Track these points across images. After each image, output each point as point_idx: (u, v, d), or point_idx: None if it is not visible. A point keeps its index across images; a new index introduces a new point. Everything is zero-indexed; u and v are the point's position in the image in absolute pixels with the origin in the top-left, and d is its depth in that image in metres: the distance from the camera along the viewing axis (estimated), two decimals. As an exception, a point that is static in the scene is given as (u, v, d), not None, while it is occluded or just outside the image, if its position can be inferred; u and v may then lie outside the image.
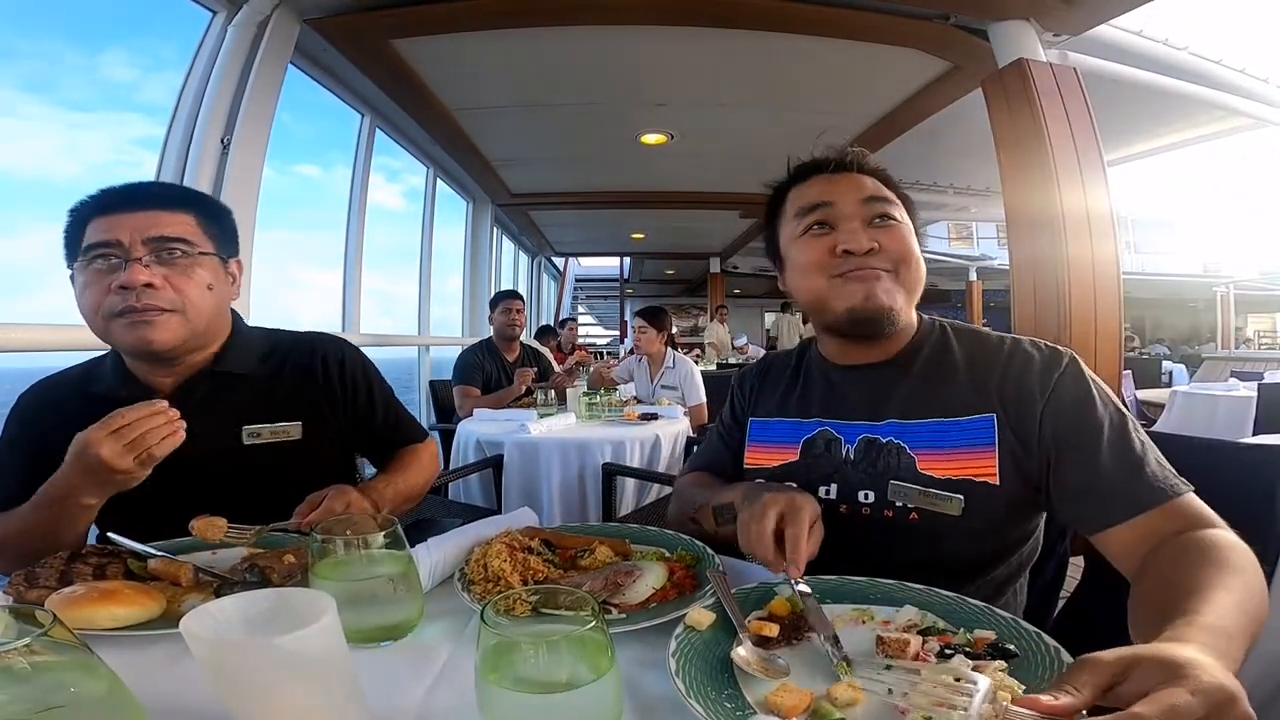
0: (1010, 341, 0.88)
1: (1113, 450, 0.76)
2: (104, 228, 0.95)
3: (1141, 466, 0.74)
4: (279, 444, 1.08)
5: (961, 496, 0.81)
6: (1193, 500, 0.72)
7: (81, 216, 0.97)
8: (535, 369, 3.34)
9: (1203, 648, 0.43)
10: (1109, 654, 0.40)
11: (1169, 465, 0.75)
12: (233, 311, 1.13)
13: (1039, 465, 0.80)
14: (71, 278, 0.99)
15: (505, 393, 3.19)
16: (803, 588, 0.69)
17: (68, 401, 1.03)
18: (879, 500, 0.86)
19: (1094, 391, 0.81)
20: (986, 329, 0.94)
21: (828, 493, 0.90)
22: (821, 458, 0.93)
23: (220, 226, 1.06)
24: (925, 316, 0.95)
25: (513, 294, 3.57)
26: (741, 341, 9.00)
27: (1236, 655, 0.46)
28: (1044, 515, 0.90)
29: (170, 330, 0.96)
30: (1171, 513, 0.71)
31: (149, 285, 0.93)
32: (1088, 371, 0.84)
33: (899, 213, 0.89)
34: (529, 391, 3.18)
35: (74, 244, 0.97)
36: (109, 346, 1.04)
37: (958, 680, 0.48)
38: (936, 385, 0.87)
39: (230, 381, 1.07)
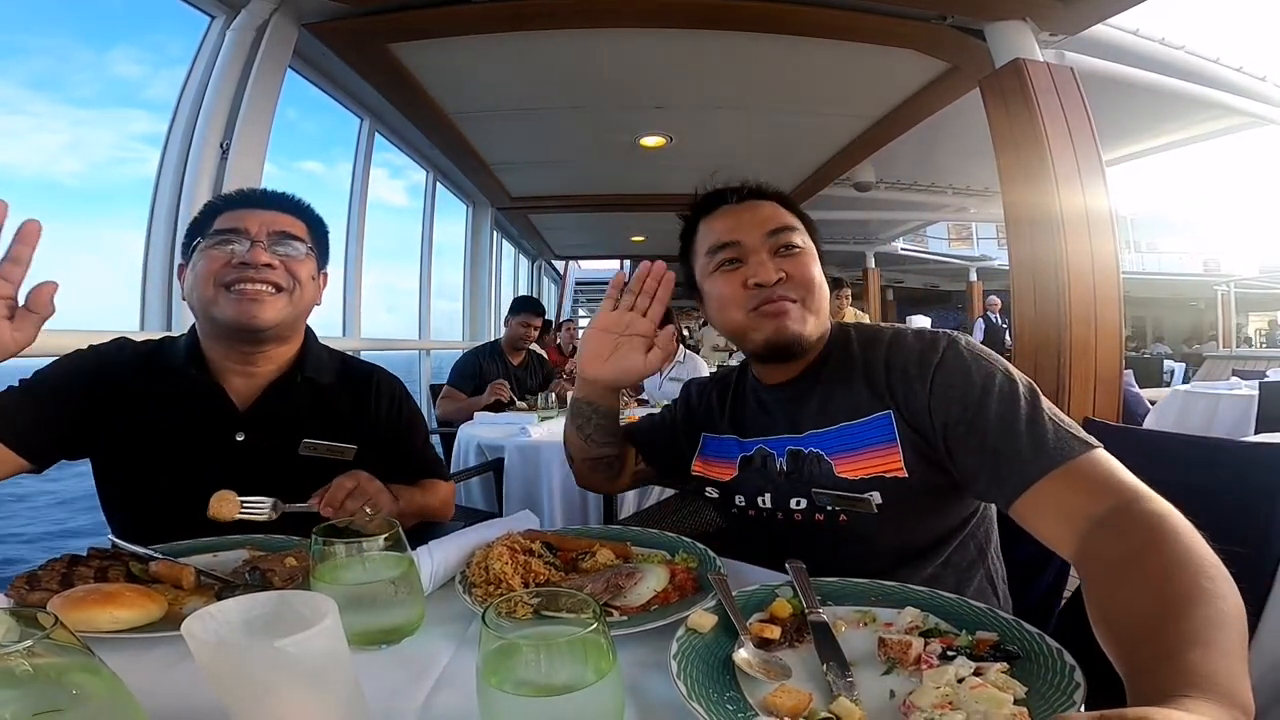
0: (894, 335, 0.91)
1: (1000, 423, 0.75)
2: (234, 219, 1.05)
3: (1030, 433, 0.73)
4: (331, 461, 1.10)
5: (876, 493, 0.84)
6: (1097, 460, 0.68)
7: (214, 208, 1.08)
8: (507, 384, 3.23)
9: (1209, 702, 0.37)
10: (1080, 717, 0.36)
11: (1074, 428, 0.73)
12: (305, 325, 1.18)
13: (942, 452, 0.81)
14: (180, 268, 1.10)
15: (474, 401, 3.16)
16: (818, 619, 0.66)
17: (129, 368, 1.08)
18: (809, 506, 0.90)
19: (974, 370, 0.80)
20: (883, 325, 0.97)
21: (764, 501, 0.95)
22: (757, 472, 0.98)
23: (320, 240, 1.15)
24: (836, 325, 0.98)
25: (538, 310, 3.53)
26: None
27: (1245, 699, 0.39)
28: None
29: (275, 310, 1.04)
30: (1073, 476, 0.68)
31: (268, 265, 1.03)
32: (969, 349, 0.84)
33: (801, 239, 0.94)
34: (511, 403, 3.15)
35: (200, 230, 1.06)
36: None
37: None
38: (841, 392, 0.91)
39: (308, 390, 1.13)
